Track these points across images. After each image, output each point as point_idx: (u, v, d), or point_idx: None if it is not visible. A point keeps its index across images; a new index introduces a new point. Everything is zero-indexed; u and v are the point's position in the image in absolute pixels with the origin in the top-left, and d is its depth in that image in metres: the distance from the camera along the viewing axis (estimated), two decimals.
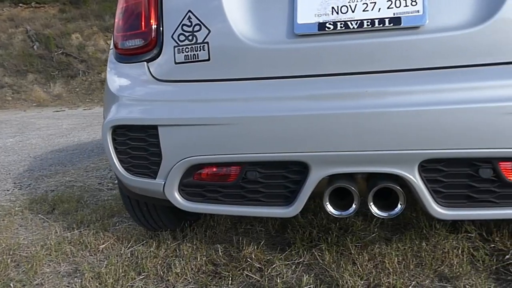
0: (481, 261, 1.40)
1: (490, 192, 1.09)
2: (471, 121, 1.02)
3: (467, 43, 1.07)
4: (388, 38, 1.11)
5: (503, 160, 1.06)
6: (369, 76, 1.11)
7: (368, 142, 1.06)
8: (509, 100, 1.02)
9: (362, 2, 1.12)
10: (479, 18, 1.07)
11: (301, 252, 1.51)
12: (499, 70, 1.07)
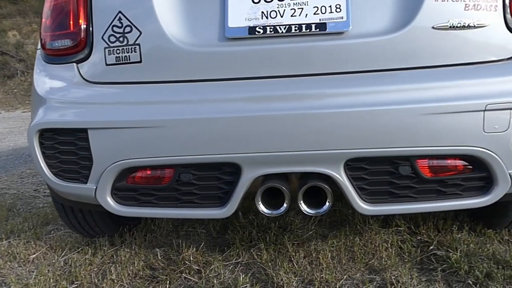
0: (407, 253, 1.49)
1: (410, 188, 1.17)
2: (391, 121, 1.09)
3: (386, 48, 1.15)
4: (314, 43, 1.16)
5: (420, 158, 1.14)
6: (296, 79, 1.15)
7: (296, 143, 1.10)
8: (424, 101, 1.10)
9: (290, 7, 1.16)
10: (397, 26, 1.15)
11: (240, 252, 1.53)
12: (415, 73, 1.15)
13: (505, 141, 1.11)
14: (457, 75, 1.13)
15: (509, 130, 1.10)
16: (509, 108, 1.08)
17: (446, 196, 1.18)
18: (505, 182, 1.14)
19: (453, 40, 1.15)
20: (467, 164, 1.15)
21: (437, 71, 1.15)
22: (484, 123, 1.09)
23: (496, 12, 1.16)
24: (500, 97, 1.09)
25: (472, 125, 1.09)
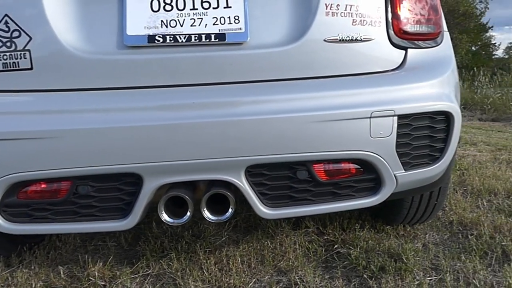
0: (314, 253, 1.57)
1: (308, 191, 1.23)
2: (287, 129, 1.15)
3: (282, 59, 1.20)
4: (214, 52, 1.18)
5: (316, 162, 1.21)
6: (196, 88, 1.16)
7: (197, 151, 1.11)
8: (318, 110, 1.17)
9: (190, 17, 1.17)
10: (292, 38, 1.21)
11: (151, 264, 1.50)
12: (310, 83, 1.22)
13: (389, 145, 1.21)
14: (346, 85, 1.22)
15: (392, 135, 1.20)
16: (392, 115, 1.19)
17: (340, 197, 1.26)
18: (391, 182, 1.24)
19: (343, 52, 1.24)
20: (358, 167, 1.24)
21: (329, 81, 1.23)
22: (371, 129, 1.18)
23: (380, 28, 1.27)
24: (384, 105, 1.19)
25: (360, 131, 1.18)
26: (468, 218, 1.81)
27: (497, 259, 1.46)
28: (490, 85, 10.23)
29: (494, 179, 2.41)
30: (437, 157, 1.29)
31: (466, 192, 2.23)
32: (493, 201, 2.07)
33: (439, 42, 1.37)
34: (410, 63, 1.30)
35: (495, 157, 3.13)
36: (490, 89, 9.89)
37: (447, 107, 1.25)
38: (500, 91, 9.52)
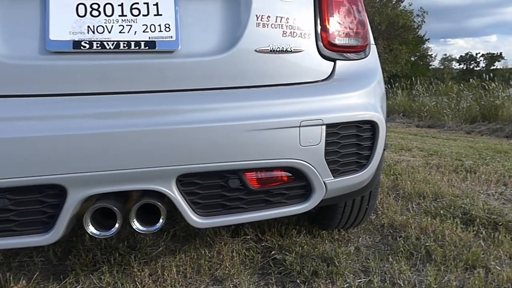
0: (251, 260, 1.58)
1: (240, 199, 1.24)
2: (218, 138, 1.15)
3: (214, 68, 1.21)
4: (144, 60, 1.16)
5: (248, 171, 1.22)
6: (125, 96, 1.13)
7: (125, 161, 1.08)
8: (248, 119, 1.18)
9: (119, 24, 1.14)
10: (224, 47, 1.22)
11: (80, 278, 1.44)
12: (241, 93, 1.23)
13: (318, 153, 1.25)
14: (277, 95, 1.25)
15: (321, 143, 1.25)
16: (320, 124, 1.23)
17: (273, 204, 1.28)
18: (321, 189, 1.28)
19: (274, 62, 1.26)
20: (289, 175, 1.27)
21: (260, 91, 1.25)
22: (300, 138, 1.22)
23: (310, 40, 1.31)
24: (313, 114, 1.23)
25: (290, 140, 1.21)
26: (398, 221, 1.91)
27: (421, 259, 1.55)
28: (426, 94, 10.91)
29: (424, 183, 2.57)
30: (364, 164, 1.35)
31: (398, 196, 2.36)
32: (422, 204, 2.20)
33: (366, 55, 1.44)
34: (339, 74, 1.36)
35: (427, 162, 3.33)
36: (427, 97, 10.54)
37: (372, 116, 1.31)
38: (435, 100, 10.18)
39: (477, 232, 1.77)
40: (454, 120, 8.54)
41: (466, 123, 8.28)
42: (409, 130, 7.45)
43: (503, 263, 1.50)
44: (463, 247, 1.61)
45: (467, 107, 8.92)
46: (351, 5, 1.41)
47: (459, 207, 2.09)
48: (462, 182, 2.67)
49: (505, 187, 2.55)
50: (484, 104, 8.64)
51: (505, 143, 5.26)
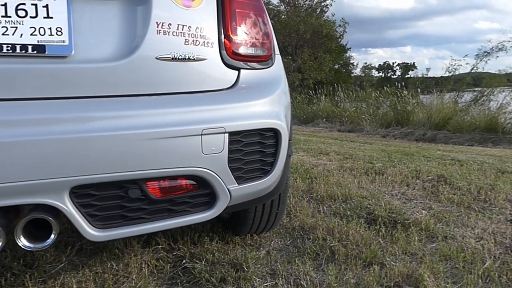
0: (160, 271, 1.54)
1: (142, 210, 1.21)
2: (116, 147, 1.11)
3: (113, 75, 1.17)
4: (32, 65, 1.09)
5: (150, 180, 1.20)
6: (10, 103, 1.05)
7: (10, 173, 1.00)
8: (149, 127, 1.16)
9: (2, 25, 1.06)
10: (122, 54, 1.19)
11: None
12: (142, 100, 1.21)
13: (222, 160, 1.26)
14: (179, 103, 1.24)
15: (224, 151, 1.26)
16: (223, 132, 1.25)
17: (177, 213, 1.26)
18: (225, 196, 1.30)
19: (176, 70, 1.26)
20: (193, 183, 1.26)
21: (163, 99, 1.23)
22: (203, 146, 1.22)
23: (213, 48, 1.33)
24: (215, 122, 1.24)
25: (192, 148, 1.21)
26: (308, 223, 1.99)
27: (326, 259, 1.63)
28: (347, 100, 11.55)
29: (336, 186, 2.71)
30: (268, 170, 1.39)
31: (312, 199, 2.46)
32: (332, 206, 2.31)
33: (270, 64, 1.49)
34: (243, 83, 1.38)
35: (342, 165, 3.52)
36: (347, 103, 11.17)
37: (275, 124, 1.36)
38: (355, 105, 10.82)
39: (378, 231, 1.90)
40: (371, 125, 9.14)
41: (382, 128, 8.91)
42: (331, 135, 7.83)
43: (397, 258, 1.62)
44: (364, 246, 1.72)
45: (383, 113, 9.61)
46: (256, 17, 1.45)
47: (365, 207, 2.24)
48: (371, 183, 2.86)
49: (407, 187, 2.78)
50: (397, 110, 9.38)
51: (414, 146, 5.73)
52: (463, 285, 1.41)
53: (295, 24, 18.52)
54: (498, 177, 3.06)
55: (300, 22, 18.46)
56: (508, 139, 7.19)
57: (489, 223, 2.02)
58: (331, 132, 8.61)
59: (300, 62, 18.93)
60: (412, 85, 12.44)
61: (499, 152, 5.26)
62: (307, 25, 18.45)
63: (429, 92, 10.51)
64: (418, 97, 9.74)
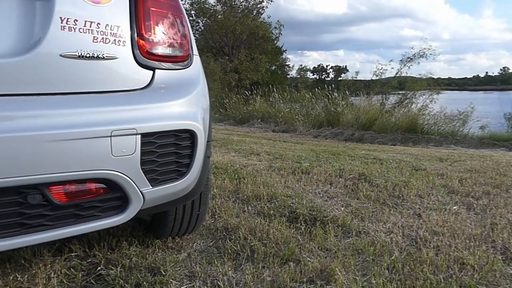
0: (72, 280, 1.46)
1: (44, 216, 1.14)
2: (14, 149, 1.03)
3: (9, 72, 1.09)
4: None
5: (53, 184, 1.13)
6: None
7: None
8: (51, 128, 1.09)
9: None
10: (22, 50, 1.11)
11: None
12: (44, 100, 1.14)
13: (133, 163, 1.23)
14: (86, 103, 1.19)
15: (136, 153, 1.23)
16: (134, 133, 1.21)
17: (85, 219, 1.21)
18: (138, 199, 1.26)
19: (83, 69, 1.20)
20: (103, 187, 1.21)
21: (67, 98, 1.17)
22: (112, 148, 1.17)
23: (125, 47, 1.28)
24: (126, 124, 1.20)
25: (101, 150, 1.16)
26: (232, 224, 2.01)
27: (246, 259, 1.65)
28: (282, 101, 11.81)
29: (263, 186, 2.76)
30: (184, 172, 1.38)
31: (238, 199, 2.49)
32: (257, 205, 2.35)
33: (188, 65, 1.47)
34: (158, 83, 1.36)
35: (271, 165, 3.59)
36: (282, 104, 11.43)
37: (191, 125, 1.35)
38: (289, 106, 11.10)
39: (298, 229, 1.97)
40: (305, 126, 9.44)
41: (314, 128, 9.23)
42: (265, 135, 7.96)
43: (313, 254, 1.69)
44: (283, 244, 1.77)
45: (315, 114, 9.96)
46: (173, 17, 1.43)
47: (288, 206, 2.30)
48: (297, 183, 2.95)
49: (330, 185, 2.90)
50: (329, 111, 9.78)
51: (342, 146, 6.01)
52: (371, 276, 1.50)
53: (231, 25, 18.57)
54: (412, 174, 3.30)
55: (236, 23, 18.55)
56: (426, 139, 7.80)
57: (399, 218, 2.17)
58: (266, 133, 8.75)
59: (237, 62, 19.02)
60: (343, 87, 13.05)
61: (417, 151, 5.69)
62: (243, 26, 18.59)
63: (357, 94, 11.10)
64: (347, 99, 10.22)
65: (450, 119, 9.11)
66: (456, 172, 3.44)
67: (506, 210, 2.34)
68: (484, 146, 7.32)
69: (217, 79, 15.79)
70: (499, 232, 1.95)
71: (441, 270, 1.54)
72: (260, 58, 19.61)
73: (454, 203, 2.49)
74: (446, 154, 5.21)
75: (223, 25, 18.84)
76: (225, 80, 17.42)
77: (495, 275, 1.53)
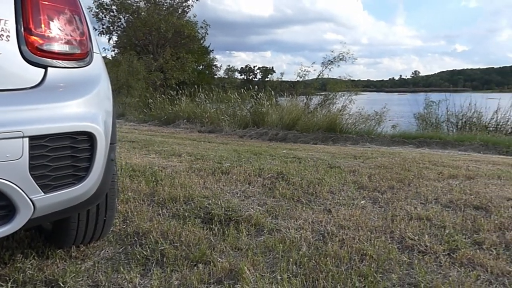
0: None
1: None
2: None
3: None
4: None
5: None
6: None
7: None
8: None
9: None
10: None
11: None
12: None
13: (20, 168, 1.13)
14: None
15: (23, 157, 1.13)
16: (21, 136, 1.12)
17: None
18: (27, 208, 1.16)
19: None
20: None
21: None
22: None
23: (10, 42, 1.18)
24: (10, 126, 1.10)
25: None
26: (144, 228, 1.94)
27: (156, 263, 1.61)
28: (208, 101, 11.76)
29: (181, 187, 2.71)
30: (82, 176, 1.30)
31: (153, 202, 2.42)
32: (173, 208, 2.30)
33: (86, 63, 1.39)
34: (51, 82, 1.27)
35: (191, 166, 3.55)
36: (209, 104, 11.38)
37: (89, 127, 1.27)
38: (216, 107, 11.10)
39: (211, 229, 1.96)
40: (231, 126, 9.49)
41: (240, 128, 9.32)
42: (190, 136, 7.86)
43: (225, 255, 1.69)
44: (195, 246, 1.75)
45: (241, 114, 10.06)
46: (70, 12, 1.35)
47: (204, 207, 2.29)
48: (216, 183, 2.95)
49: (249, 185, 2.94)
50: (254, 111, 9.93)
51: (265, 146, 6.13)
52: (279, 273, 1.54)
53: (155, 22, 18.05)
54: (327, 172, 3.47)
55: (161, 21, 18.07)
56: (344, 138, 8.26)
57: (311, 214, 2.27)
58: (191, 133, 8.65)
59: (162, 61, 18.54)
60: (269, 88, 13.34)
61: (335, 149, 6.00)
62: (168, 24, 18.16)
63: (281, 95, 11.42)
64: (272, 99, 10.46)
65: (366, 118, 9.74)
66: (367, 169, 3.67)
67: (406, 202, 2.56)
68: (395, 143, 7.95)
69: (141, 78, 15.25)
70: (398, 223, 2.12)
71: (343, 262, 1.64)
72: (187, 57, 19.33)
73: (362, 198, 2.66)
74: (361, 152, 5.56)
75: (147, 22, 18.25)
76: (150, 79, 16.90)
77: (391, 263, 1.66)
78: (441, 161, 4.50)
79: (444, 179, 3.36)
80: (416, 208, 2.41)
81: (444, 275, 1.58)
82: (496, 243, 1.88)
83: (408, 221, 2.17)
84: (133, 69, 14.68)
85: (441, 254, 1.75)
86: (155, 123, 10.56)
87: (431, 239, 1.91)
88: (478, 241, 1.91)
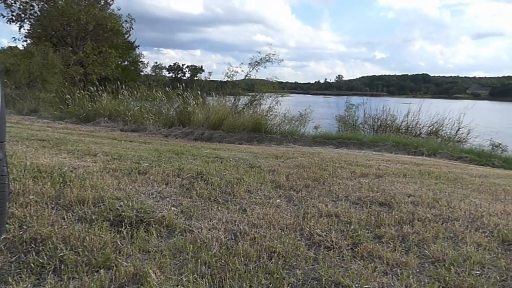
0: None
1: None
2: None
3: None
4: None
5: None
6: None
7: None
8: None
9: None
10: None
11: None
12: None
13: None
14: None
15: None
16: None
17: None
18: None
19: None
20: None
21: None
22: None
23: None
24: None
25: None
26: (43, 233, 1.80)
27: (53, 271, 1.50)
28: (132, 99, 11.31)
29: (91, 189, 2.56)
30: None
31: (58, 205, 2.25)
32: (80, 211, 2.16)
33: None
34: None
35: (106, 166, 3.37)
36: (132, 102, 10.95)
37: None
38: (140, 105, 10.71)
39: (120, 232, 1.87)
40: (155, 125, 9.22)
41: (165, 127, 9.10)
42: (111, 134, 7.49)
43: (131, 258, 1.63)
44: (99, 250, 1.66)
45: (166, 113, 9.82)
46: None
47: (115, 209, 2.18)
48: (131, 184, 2.82)
49: (166, 185, 2.87)
50: (180, 110, 9.76)
51: (189, 145, 6.04)
52: (186, 274, 1.51)
53: (75, 13, 16.90)
54: (247, 171, 3.50)
55: (81, 11, 16.97)
56: (269, 138, 8.44)
57: (226, 213, 2.27)
58: (113, 132, 8.24)
59: (82, 55, 17.42)
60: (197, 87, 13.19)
61: (259, 149, 6.11)
62: (89, 15, 17.11)
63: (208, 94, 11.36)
64: (199, 99, 10.35)
65: (291, 119, 10.05)
66: (286, 168, 3.78)
67: (318, 200, 2.67)
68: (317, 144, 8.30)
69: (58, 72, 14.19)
70: (308, 220, 2.20)
71: (252, 260, 1.66)
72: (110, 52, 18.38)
73: (278, 197, 2.73)
74: (283, 151, 5.72)
75: (65, 12, 17.02)
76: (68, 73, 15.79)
77: (298, 259, 1.71)
78: (355, 160, 4.78)
79: (356, 177, 3.57)
80: (327, 206, 2.53)
81: (346, 268, 1.67)
82: (394, 236, 2.04)
83: (318, 218, 2.26)
84: (49, 61, 13.60)
85: (345, 249, 1.85)
86: (72, 121, 9.90)
87: (337, 235, 2.01)
88: (379, 235, 2.05)
